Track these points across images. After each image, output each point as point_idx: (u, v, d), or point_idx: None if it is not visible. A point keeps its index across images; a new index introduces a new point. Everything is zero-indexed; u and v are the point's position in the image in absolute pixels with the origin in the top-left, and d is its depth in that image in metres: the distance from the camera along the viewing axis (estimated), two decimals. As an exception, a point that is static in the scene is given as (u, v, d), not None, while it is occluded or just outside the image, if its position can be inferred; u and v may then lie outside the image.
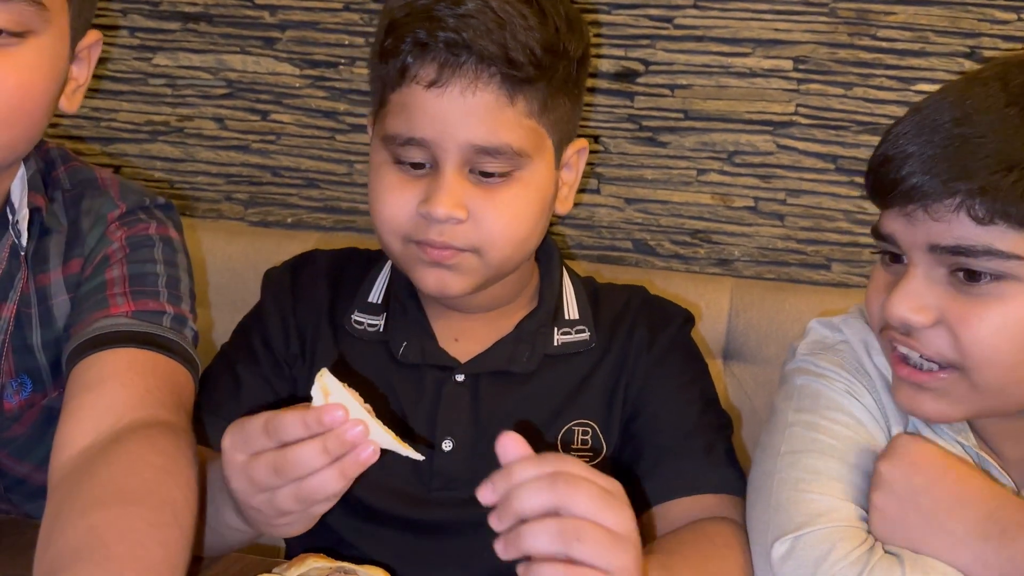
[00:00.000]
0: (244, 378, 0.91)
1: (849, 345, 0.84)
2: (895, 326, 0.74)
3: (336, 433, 0.61)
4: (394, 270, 0.94)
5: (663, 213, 1.36)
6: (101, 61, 1.40)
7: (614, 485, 0.61)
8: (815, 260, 1.33)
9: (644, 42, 1.31)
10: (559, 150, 0.86)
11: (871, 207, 1.28)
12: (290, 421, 0.62)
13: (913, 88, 1.26)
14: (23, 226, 0.85)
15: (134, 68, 1.44)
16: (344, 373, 0.85)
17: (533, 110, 0.81)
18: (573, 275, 0.97)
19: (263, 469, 0.63)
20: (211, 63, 1.42)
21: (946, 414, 0.75)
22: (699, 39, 1.30)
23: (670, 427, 0.89)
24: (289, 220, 1.46)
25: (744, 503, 0.82)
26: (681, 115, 1.33)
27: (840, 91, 1.28)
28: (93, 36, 0.84)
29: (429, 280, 0.83)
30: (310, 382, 0.86)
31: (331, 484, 0.62)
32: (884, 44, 1.26)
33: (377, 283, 0.94)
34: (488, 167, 0.80)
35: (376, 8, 1.37)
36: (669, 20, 1.31)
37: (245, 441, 0.64)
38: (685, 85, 1.32)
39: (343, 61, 1.39)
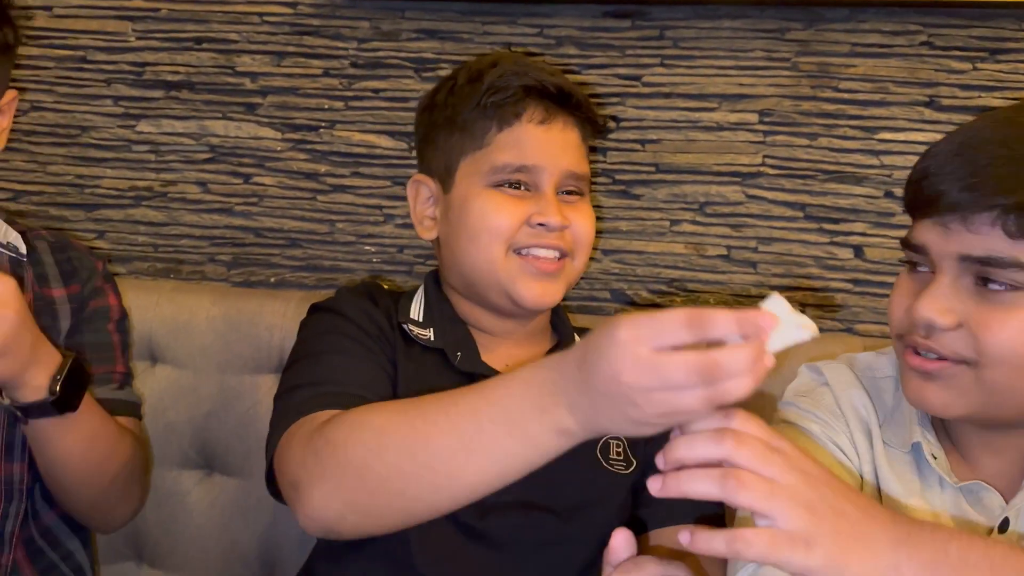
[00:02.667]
0: (351, 347, 0.98)
1: (829, 389, 0.92)
2: (920, 327, 0.79)
3: (765, 346, 0.60)
4: (431, 300, 1.08)
5: (639, 263, 1.39)
6: (85, 129, 1.45)
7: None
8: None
9: (614, 100, 1.36)
10: None
11: (841, 253, 1.33)
12: (723, 317, 0.60)
13: (876, 137, 1.30)
14: (17, 243, 1.08)
15: (118, 135, 1.47)
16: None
17: (587, 148, 1.09)
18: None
19: (683, 369, 0.60)
20: (193, 129, 1.45)
21: (949, 406, 0.81)
22: (667, 96, 1.35)
23: None
24: (272, 280, 1.48)
25: None
26: (653, 168, 1.37)
27: (805, 142, 1.32)
28: (10, 95, 1.04)
29: (536, 290, 1.00)
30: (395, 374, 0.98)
31: (743, 391, 0.60)
32: (846, 95, 1.31)
33: (414, 305, 1.08)
34: (573, 187, 1.04)
35: (354, 73, 1.41)
36: (638, 78, 1.35)
37: (657, 334, 0.61)
38: (655, 140, 1.36)
39: (323, 124, 1.43)
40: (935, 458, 0.85)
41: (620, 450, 1.02)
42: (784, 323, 0.61)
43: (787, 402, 0.94)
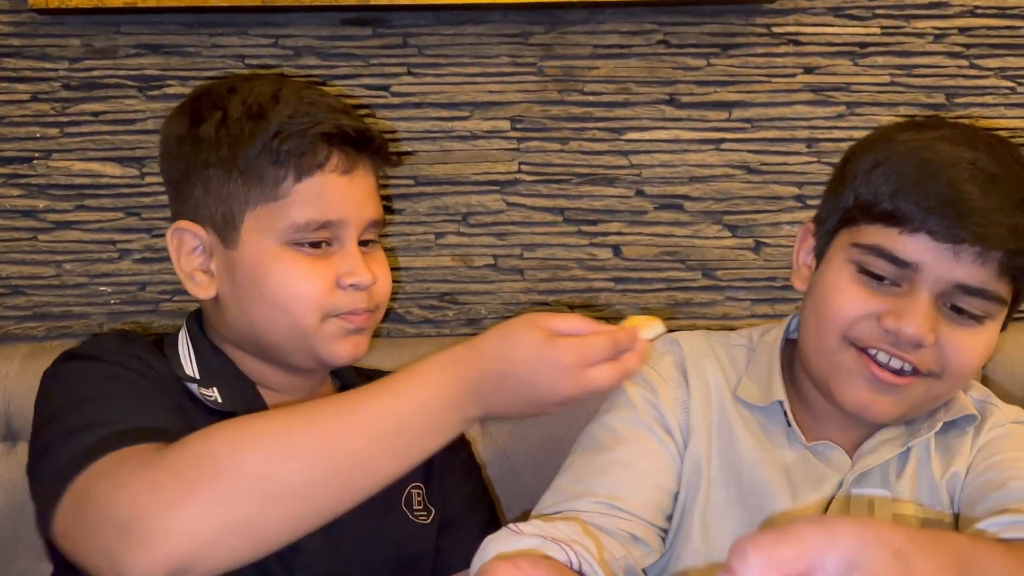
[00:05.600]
0: (140, 390, 0.85)
1: (680, 354, 0.98)
2: (904, 343, 0.83)
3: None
4: (204, 354, 0.94)
5: (408, 279, 1.34)
6: None
7: None
8: (557, 309, 1.35)
9: (364, 111, 1.30)
10: None
11: (601, 253, 1.34)
12: (600, 345, 0.74)
13: (623, 137, 1.32)
14: None
15: None
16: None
17: (378, 187, 1.00)
18: None
19: (600, 346, 0.74)
20: None
21: (891, 414, 0.87)
22: (418, 105, 1.30)
23: (463, 509, 1.01)
24: (-7, 334, 1.30)
25: None
26: (411, 181, 1.32)
27: (557, 146, 1.32)
28: None
29: (347, 348, 0.92)
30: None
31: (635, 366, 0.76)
32: (592, 98, 1.32)
33: (183, 357, 0.94)
34: (371, 236, 0.96)
35: (68, 96, 1.26)
36: (386, 88, 1.30)
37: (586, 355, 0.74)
38: (411, 151, 1.31)
39: (37, 155, 1.27)
40: (793, 416, 0.92)
41: (421, 498, 0.98)
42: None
43: None
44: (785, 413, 0.92)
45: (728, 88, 1.33)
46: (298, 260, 0.89)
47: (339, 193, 0.90)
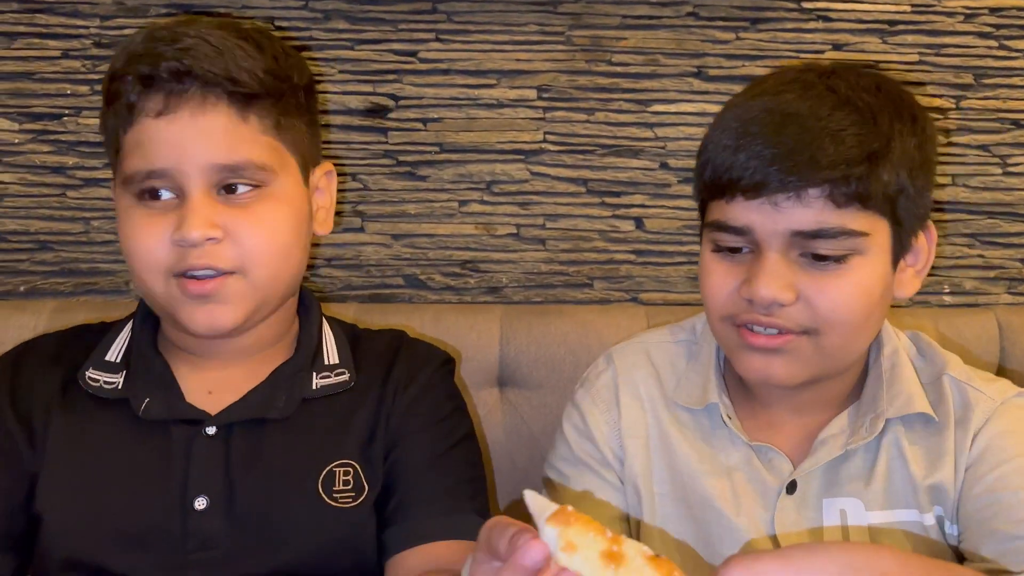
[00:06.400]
0: None
1: (613, 373, 0.95)
2: (761, 307, 0.81)
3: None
4: (135, 330, 0.92)
5: (430, 246, 1.35)
6: None
7: None
8: (577, 280, 1.36)
9: (391, 77, 1.30)
10: (305, 171, 0.90)
11: (623, 225, 1.34)
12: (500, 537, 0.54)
13: (649, 109, 1.32)
14: None
15: None
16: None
17: (267, 127, 0.85)
18: (334, 323, 0.99)
19: None
20: (-91, 122, 1.27)
21: (795, 375, 0.83)
22: (445, 72, 1.30)
23: (415, 472, 0.89)
24: (22, 288, 1.32)
25: None
26: (436, 148, 1.33)
27: (583, 116, 1.32)
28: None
29: (200, 318, 0.83)
30: (41, 460, 0.85)
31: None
32: (619, 68, 1.32)
33: (116, 343, 0.92)
34: (240, 182, 0.83)
35: (99, 54, 1.27)
36: (413, 54, 1.30)
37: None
38: (436, 118, 1.31)
39: (67, 112, 1.28)
40: (730, 418, 0.89)
41: (349, 478, 0.88)
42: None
43: (575, 389, 0.98)
44: (721, 416, 0.89)
45: (756, 62, 1.32)
46: (134, 215, 0.83)
47: (157, 139, 0.81)
